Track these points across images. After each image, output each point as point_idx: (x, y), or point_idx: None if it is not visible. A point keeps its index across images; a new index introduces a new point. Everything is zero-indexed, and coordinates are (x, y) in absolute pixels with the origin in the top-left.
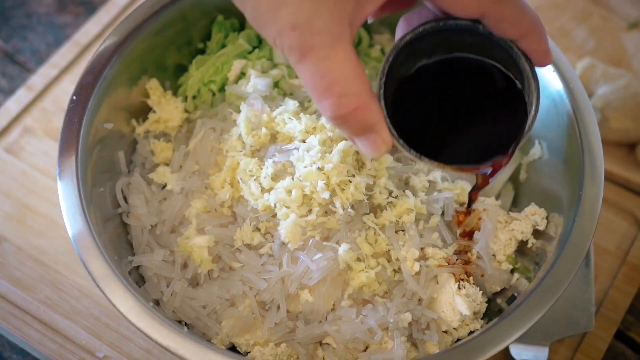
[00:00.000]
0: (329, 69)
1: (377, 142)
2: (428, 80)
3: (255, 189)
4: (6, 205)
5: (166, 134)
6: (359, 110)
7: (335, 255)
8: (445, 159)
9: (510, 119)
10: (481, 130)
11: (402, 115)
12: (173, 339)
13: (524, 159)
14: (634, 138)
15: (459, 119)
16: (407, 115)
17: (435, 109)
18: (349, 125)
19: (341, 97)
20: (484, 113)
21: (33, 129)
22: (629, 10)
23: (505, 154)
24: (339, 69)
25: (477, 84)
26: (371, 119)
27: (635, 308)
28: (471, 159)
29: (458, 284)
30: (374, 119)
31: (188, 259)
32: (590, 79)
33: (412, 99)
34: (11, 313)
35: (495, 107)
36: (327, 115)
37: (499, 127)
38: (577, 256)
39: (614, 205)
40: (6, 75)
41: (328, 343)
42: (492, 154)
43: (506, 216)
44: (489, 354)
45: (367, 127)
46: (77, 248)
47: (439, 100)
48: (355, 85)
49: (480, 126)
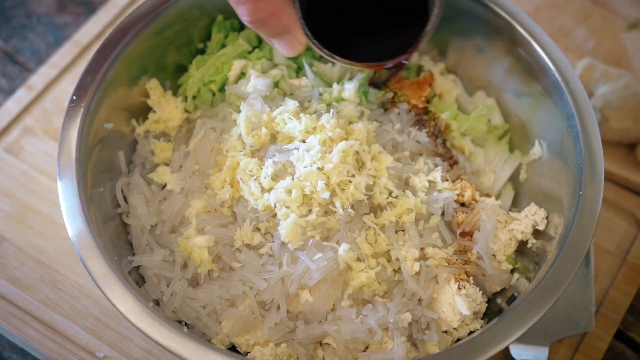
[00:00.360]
0: None
1: (293, 42)
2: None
3: (255, 189)
4: (6, 205)
5: (166, 134)
6: (274, 14)
7: (335, 255)
8: (355, 57)
9: (416, 19)
10: (390, 29)
11: (318, 15)
12: (173, 339)
13: (524, 159)
14: (634, 138)
15: (370, 19)
16: (323, 15)
17: (348, 9)
18: (266, 28)
19: (257, 2)
20: (393, 13)
21: (33, 129)
22: (629, 10)
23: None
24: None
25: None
26: (286, 22)
27: (635, 308)
28: (379, 57)
29: (458, 284)
30: (289, 21)
31: (188, 259)
32: (590, 79)
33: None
34: (11, 313)
35: (403, 7)
36: (245, 19)
37: (406, 26)
38: (577, 256)
39: (614, 205)
40: (6, 75)
41: (328, 343)
42: (398, 51)
43: (506, 216)
44: (489, 354)
45: (283, 30)
46: (77, 248)
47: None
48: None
49: (389, 25)
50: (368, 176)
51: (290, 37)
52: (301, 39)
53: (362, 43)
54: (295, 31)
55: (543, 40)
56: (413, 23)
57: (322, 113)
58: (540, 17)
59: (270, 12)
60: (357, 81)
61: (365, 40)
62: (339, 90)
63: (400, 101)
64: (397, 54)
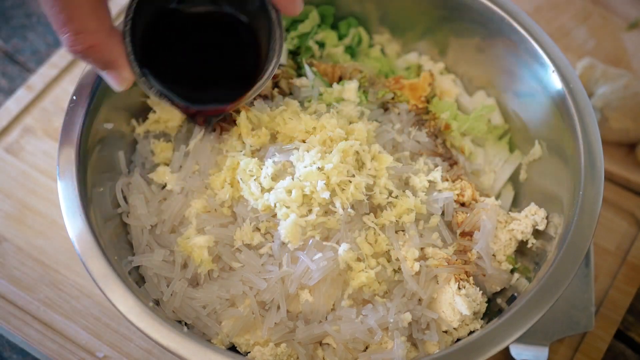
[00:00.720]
0: (65, 6)
1: (117, 78)
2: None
3: (255, 189)
4: (6, 205)
5: (166, 134)
6: (94, 48)
7: (335, 255)
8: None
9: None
10: (223, 74)
11: (156, 50)
12: (173, 339)
13: (524, 159)
14: (634, 138)
15: (207, 61)
16: (160, 51)
17: (184, 48)
18: (87, 60)
19: (77, 34)
20: (228, 58)
21: (33, 129)
22: (629, 10)
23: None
24: (74, 6)
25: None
26: (109, 57)
27: (635, 308)
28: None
29: (458, 284)
30: (113, 56)
31: (188, 259)
32: (590, 79)
33: (165, 36)
34: (11, 313)
35: (239, 53)
36: (67, 50)
37: (239, 72)
38: (577, 256)
39: (614, 205)
40: (6, 75)
41: (328, 343)
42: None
43: (506, 216)
44: (489, 354)
45: (106, 64)
46: (77, 248)
47: (189, 40)
48: (91, 24)
49: (223, 70)
50: (368, 176)
51: (114, 73)
52: (126, 75)
53: (196, 86)
54: (120, 67)
55: (543, 40)
56: (249, 74)
57: (322, 113)
58: (540, 17)
59: (89, 45)
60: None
61: (200, 83)
62: (339, 90)
63: (400, 101)
64: (223, 102)
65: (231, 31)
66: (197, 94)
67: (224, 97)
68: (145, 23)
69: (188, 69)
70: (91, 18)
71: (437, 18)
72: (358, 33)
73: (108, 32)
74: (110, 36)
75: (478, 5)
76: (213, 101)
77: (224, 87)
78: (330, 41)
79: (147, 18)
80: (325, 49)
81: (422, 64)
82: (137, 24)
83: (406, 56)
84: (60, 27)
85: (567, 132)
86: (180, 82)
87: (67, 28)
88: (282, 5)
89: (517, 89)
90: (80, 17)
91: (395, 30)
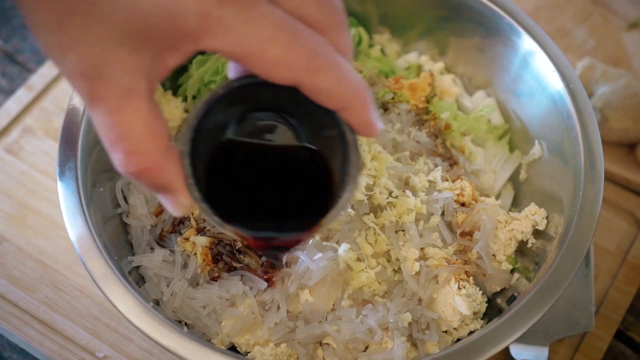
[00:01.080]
0: (118, 122)
1: (175, 203)
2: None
3: None
4: (6, 205)
5: None
6: (149, 171)
7: (335, 255)
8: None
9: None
10: (293, 201)
11: (220, 173)
12: (173, 339)
13: (524, 159)
14: (634, 138)
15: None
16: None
17: (250, 171)
18: (142, 182)
19: (129, 154)
20: (299, 182)
21: (33, 129)
22: (629, 10)
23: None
24: (128, 123)
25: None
26: (165, 180)
27: (635, 308)
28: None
29: (458, 284)
30: (169, 180)
31: (188, 259)
32: (590, 79)
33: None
34: (11, 313)
35: (311, 177)
36: (118, 170)
37: (313, 199)
38: (577, 256)
39: (614, 205)
40: (6, 75)
41: (328, 343)
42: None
43: (506, 216)
44: (489, 354)
45: (162, 188)
46: (77, 248)
47: (255, 163)
48: (146, 144)
49: (293, 197)
50: (368, 176)
51: (170, 197)
52: (184, 200)
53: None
54: (177, 191)
55: (543, 40)
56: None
57: None
58: (540, 17)
59: (143, 168)
60: None
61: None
62: None
63: (400, 101)
64: (294, 231)
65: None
66: (264, 224)
67: (294, 227)
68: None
69: (252, 198)
70: (146, 137)
71: (437, 18)
72: (358, 33)
73: (164, 153)
74: (167, 157)
75: (478, 5)
76: (282, 231)
77: (293, 216)
78: None
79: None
80: None
81: (422, 63)
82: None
83: (406, 56)
84: (110, 146)
85: (567, 132)
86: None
87: (118, 148)
88: (355, 126)
89: (517, 89)
90: (133, 137)
91: (395, 30)
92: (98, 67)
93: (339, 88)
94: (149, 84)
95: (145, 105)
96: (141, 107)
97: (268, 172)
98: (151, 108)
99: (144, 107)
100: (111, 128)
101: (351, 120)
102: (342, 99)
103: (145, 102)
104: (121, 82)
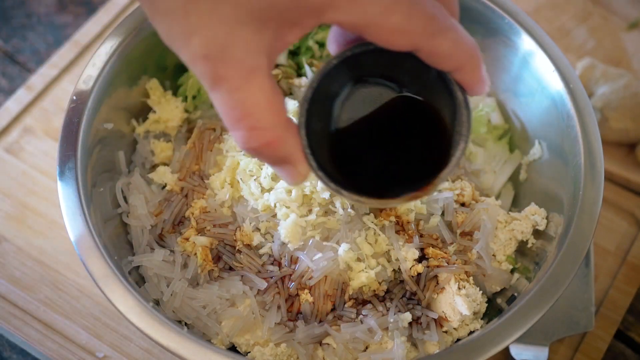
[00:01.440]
0: (241, 100)
1: (293, 173)
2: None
3: (255, 189)
4: (6, 205)
5: (166, 134)
6: (271, 144)
7: (335, 255)
8: (367, 192)
9: (437, 151)
10: (406, 161)
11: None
12: (173, 339)
13: (524, 159)
14: (634, 138)
15: (386, 150)
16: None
17: (364, 136)
18: (262, 157)
19: (252, 130)
20: (411, 144)
21: (33, 129)
22: (629, 10)
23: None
24: (251, 101)
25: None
26: (285, 152)
27: (635, 308)
28: (392, 192)
29: (458, 284)
30: (289, 151)
31: (188, 259)
32: (590, 79)
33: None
34: (11, 313)
35: (423, 137)
36: (240, 146)
37: (425, 158)
38: (577, 256)
39: (614, 205)
40: (6, 75)
41: (328, 343)
42: (413, 186)
43: (506, 216)
44: (489, 354)
45: (282, 160)
46: (77, 248)
47: (368, 128)
48: (268, 119)
49: (406, 157)
50: None
51: (290, 168)
52: (302, 170)
53: (371, 176)
54: (296, 162)
55: (543, 40)
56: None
57: None
58: (540, 17)
59: (265, 142)
60: None
61: (378, 171)
62: None
63: None
64: (410, 190)
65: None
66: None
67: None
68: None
69: (366, 163)
70: (268, 112)
71: None
72: None
73: (284, 127)
74: (287, 130)
75: (478, 5)
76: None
77: (407, 176)
78: None
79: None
80: (326, 49)
81: None
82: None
83: None
84: (233, 125)
85: (567, 132)
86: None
87: (241, 125)
88: (468, 85)
89: (517, 89)
90: (256, 113)
91: None
92: (222, 49)
93: (456, 50)
94: (269, 61)
95: (267, 81)
96: (263, 84)
97: (379, 137)
98: (272, 84)
99: (266, 84)
100: (234, 107)
101: (464, 79)
102: (459, 60)
103: (267, 79)
104: (245, 62)
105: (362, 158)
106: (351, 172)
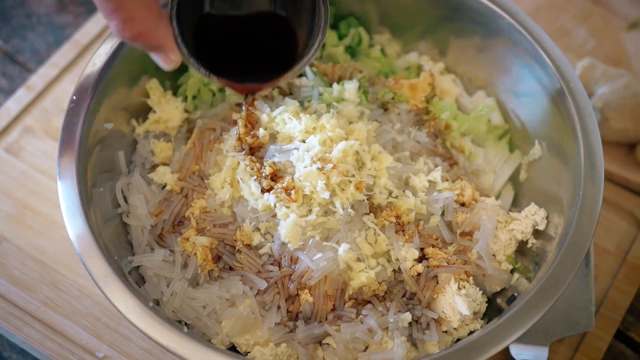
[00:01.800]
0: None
1: (166, 60)
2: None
3: (255, 189)
4: (6, 205)
5: (166, 134)
6: (143, 34)
7: (335, 255)
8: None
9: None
10: (270, 52)
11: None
12: (173, 339)
13: (524, 159)
14: (634, 138)
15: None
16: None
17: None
18: (137, 45)
19: (125, 21)
20: (274, 36)
21: (33, 129)
22: (629, 10)
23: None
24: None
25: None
26: (157, 42)
27: (635, 308)
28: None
29: (458, 284)
30: (161, 41)
31: (188, 259)
32: (590, 79)
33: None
34: (11, 313)
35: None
36: (116, 35)
37: (287, 48)
38: (577, 256)
39: (614, 205)
40: (6, 75)
41: (328, 343)
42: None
43: (506, 216)
44: (489, 354)
45: (155, 47)
46: (77, 248)
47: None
48: (140, 11)
49: (269, 49)
50: (368, 176)
51: (162, 55)
52: (174, 57)
53: (242, 64)
54: (168, 50)
55: (543, 40)
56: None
57: (322, 113)
58: (540, 17)
59: (138, 32)
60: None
61: (245, 61)
62: (339, 90)
63: (400, 101)
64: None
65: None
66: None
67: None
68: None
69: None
70: (139, 6)
71: (437, 18)
72: (358, 33)
73: (156, 18)
74: (158, 21)
75: (478, 5)
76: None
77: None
78: (330, 41)
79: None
80: (325, 49)
81: (422, 64)
82: (182, 7)
83: (406, 56)
84: (108, 15)
85: (567, 132)
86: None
87: (115, 15)
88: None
89: (517, 89)
90: (129, 6)
91: (395, 30)
92: None
93: None
94: None
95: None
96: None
97: (244, 34)
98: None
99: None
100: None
101: None
102: None
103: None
104: None
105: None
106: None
